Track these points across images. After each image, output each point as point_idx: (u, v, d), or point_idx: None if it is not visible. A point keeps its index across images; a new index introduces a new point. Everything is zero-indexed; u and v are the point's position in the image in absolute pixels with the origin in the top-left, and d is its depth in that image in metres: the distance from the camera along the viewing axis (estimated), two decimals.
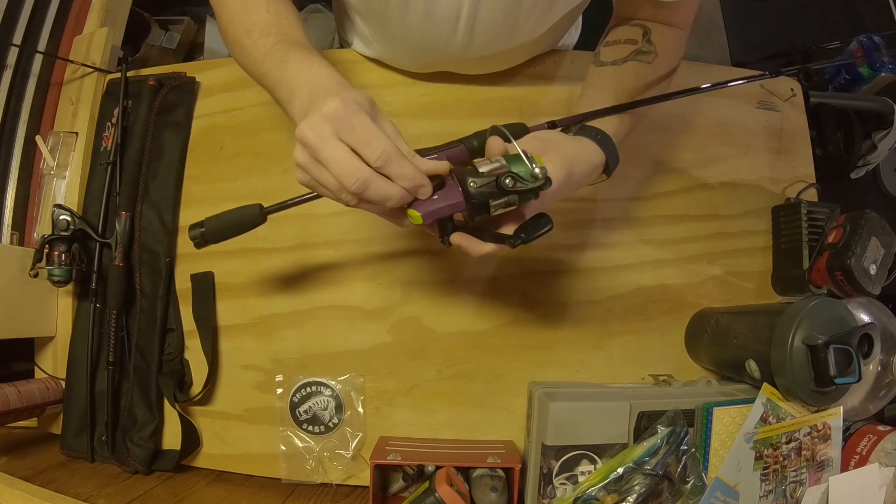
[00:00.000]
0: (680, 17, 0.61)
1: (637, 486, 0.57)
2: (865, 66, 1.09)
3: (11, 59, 0.83)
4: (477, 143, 0.51)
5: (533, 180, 0.45)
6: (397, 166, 0.42)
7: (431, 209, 0.46)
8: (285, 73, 0.49)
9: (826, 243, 0.69)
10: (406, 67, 0.76)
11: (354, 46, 0.79)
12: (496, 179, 0.44)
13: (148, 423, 0.71)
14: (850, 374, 0.53)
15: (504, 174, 0.44)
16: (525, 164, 0.45)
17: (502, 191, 0.45)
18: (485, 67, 0.75)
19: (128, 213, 0.74)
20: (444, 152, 0.49)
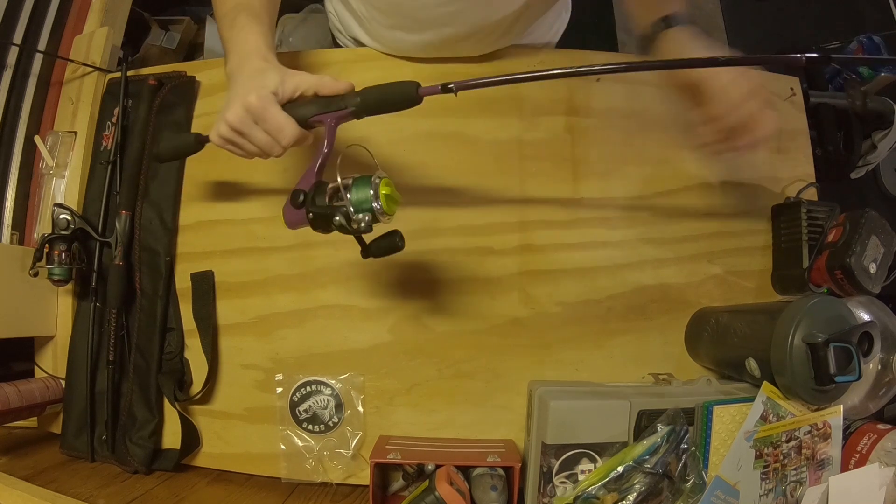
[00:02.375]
0: None
1: (637, 485, 0.57)
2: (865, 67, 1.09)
3: (11, 58, 0.83)
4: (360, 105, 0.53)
5: (357, 224, 0.48)
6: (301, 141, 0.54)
7: (291, 219, 0.54)
8: (230, 35, 0.57)
9: (826, 242, 0.69)
10: (400, 51, 0.76)
11: (350, 30, 0.79)
12: (327, 212, 0.49)
13: (148, 423, 0.71)
14: (850, 373, 0.53)
15: (337, 209, 0.49)
16: (364, 191, 0.48)
17: (337, 226, 0.49)
18: (480, 45, 0.74)
19: (128, 213, 0.74)
20: (330, 114, 0.53)
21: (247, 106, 0.51)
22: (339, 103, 0.53)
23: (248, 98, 0.50)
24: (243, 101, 0.51)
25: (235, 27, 0.56)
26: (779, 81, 0.80)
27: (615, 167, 0.76)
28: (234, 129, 0.52)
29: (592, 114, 0.76)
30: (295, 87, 0.53)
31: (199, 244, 0.76)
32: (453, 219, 0.74)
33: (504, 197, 0.75)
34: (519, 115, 0.76)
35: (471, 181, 0.75)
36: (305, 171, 0.52)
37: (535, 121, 0.76)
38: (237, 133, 0.52)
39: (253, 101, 0.50)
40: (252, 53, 0.54)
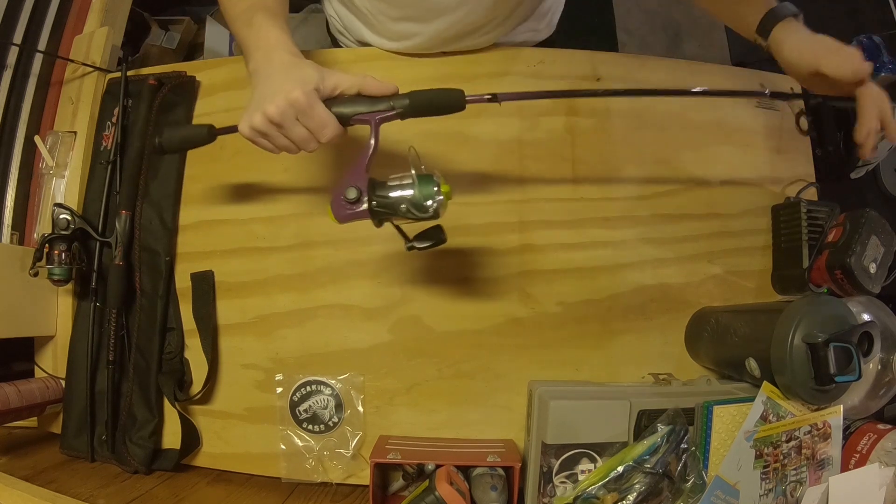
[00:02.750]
0: None
1: (637, 485, 0.57)
2: None
3: (11, 58, 0.83)
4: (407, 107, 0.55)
5: (426, 211, 0.52)
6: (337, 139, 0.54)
7: (343, 214, 0.53)
8: (248, 33, 0.56)
9: (826, 242, 0.69)
10: (407, 46, 0.76)
11: (355, 31, 0.79)
12: (394, 202, 0.52)
13: (148, 423, 0.71)
14: (850, 373, 0.53)
15: (402, 200, 0.52)
16: (429, 187, 0.52)
17: (404, 213, 0.52)
18: (485, 33, 0.74)
19: (128, 213, 0.74)
20: (377, 114, 0.54)
21: (291, 100, 0.50)
22: (387, 104, 0.54)
23: (294, 93, 0.50)
24: (287, 95, 0.50)
25: (254, 26, 0.56)
26: (779, 81, 0.80)
27: (615, 167, 0.76)
28: (272, 122, 0.52)
29: (592, 114, 0.76)
30: (335, 85, 0.53)
31: (199, 244, 0.76)
32: (453, 219, 0.74)
33: (504, 197, 0.75)
34: (519, 115, 0.76)
35: (471, 181, 0.75)
36: (351, 168, 0.53)
37: (535, 121, 0.76)
38: (275, 126, 0.52)
39: (298, 96, 0.50)
40: (278, 47, 0.54)
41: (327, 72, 0.53)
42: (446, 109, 0.55)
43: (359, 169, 0.53)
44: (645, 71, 0.78)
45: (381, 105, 0.54)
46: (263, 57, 0.54)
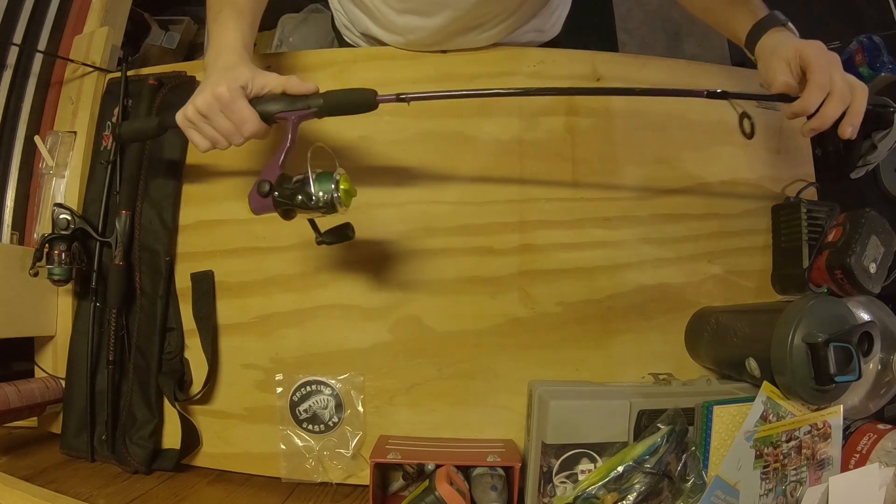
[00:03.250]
0: None
1: (637, 485, 0.57)
2: (865, 66, 1.09)
3: (11, 58, 0.83)
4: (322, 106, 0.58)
5: (318, 203, 0.54)
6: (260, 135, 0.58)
7: (256, 206, 0.57)
8: (213, 27, 0.61)
9: (826, 242, 0.69)
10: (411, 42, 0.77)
11: (360, 24, 0.80)
12: (292, 194, 0.54)
13: (148, 423, 0.71)
14: (850, 373, 0.53)
15: (301, 192, 0.54)
16: (328, 184, 0.54)
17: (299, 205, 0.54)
18: (488, 30, 0.74)
19: (128, 213, 0.74)
20: (294, 112, 0.57)
21: (217, 95, 0.55)
22: (304, 103, 0.57)
23: (220, 88, 0.54)
24: (214, 90, 0.55)
25: (218, 21, 0.60)
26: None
27: (615, 167, 0.76)
28: (200, 113, 0.56)
29: (592, 114, 0.76)
30: (263, 85, 0.56)
31: (199, 244, 0.76)
32: (453, 219, 0.74)
33: (504, 197, 0.75)
34: (519, 115, 0.76)
35: (471, 181, 0.75)
36: (268, 162, 0.57)
37: (535, 121, 0.76)
38: (202, 117, 0.56)
39: (223, 91, 0.54)
40: (228, 48, 0.58)
41: (260, 73, 0.57)
42: (358, 109, 0.58)
43: (274, 164, 0.56)
44: (645, 71, 0.78)
45: (299, 104, 0.57)
46: (214, 54, 0.58)
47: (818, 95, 0.57)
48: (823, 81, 0.57)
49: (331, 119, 0.76)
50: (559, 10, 0.86)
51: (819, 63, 0.57)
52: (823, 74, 0.57)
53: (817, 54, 0.58)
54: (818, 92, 0.57)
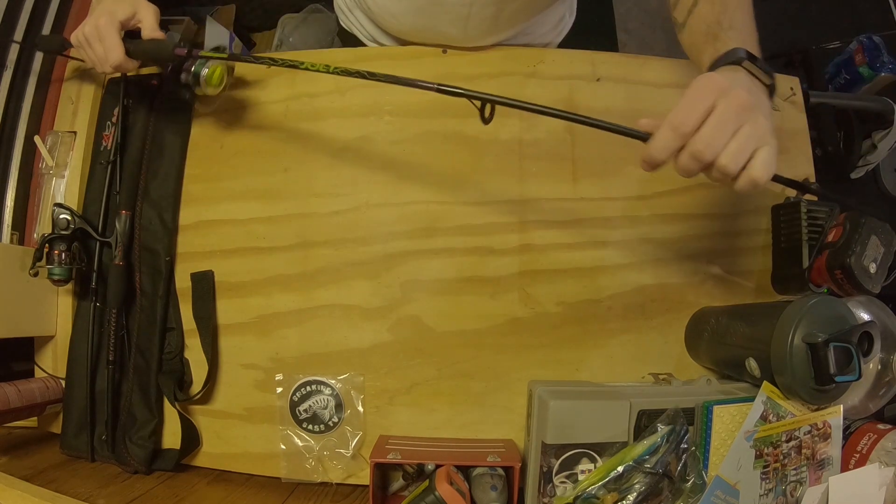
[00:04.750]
0: None
1: (637, 485, 0.57)
2: (865, 66, 1.09)
3: (12, 57, 0.83)
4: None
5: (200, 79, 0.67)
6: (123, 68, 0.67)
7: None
8: None
9: (826, 242, 0.69)
10: (391, 27, 0.78)
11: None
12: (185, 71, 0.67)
13: (148, 423, 0.71)
14: (850, 373, 0.53)
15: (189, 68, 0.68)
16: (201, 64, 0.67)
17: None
18: (468, 26, 0.74)
19: (128, 213, 0.74)
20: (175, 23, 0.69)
21: (96, 25, 0.63)
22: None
23: (100, 20, 0.63)
24: (96, 20, 0.63)
25: None
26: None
27: (615, 167, 0.76)
28: (84, 38, 0.65)
29: (592, 114, 0.75)
30: (137, 21, 0.65)
31: (199, 244, 0.76)
32: (453, 219, 0.74)
33: (504, 197, 0.75)
34: (519, 115, 0.76)
35: (471, 181, 0.75)
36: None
37: (535, 121, 0.76)
38: (85, 41, 0.65)
39: (102, 23, 0.63)
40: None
41: (143, 9, 0.65)
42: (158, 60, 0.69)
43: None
44: (645, 71, 0.78)
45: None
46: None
47: (664, 139, 0.47)
48: (677, 121, 0.46)
49: (330, 119, 0.77)
50: (561, 25, 0.87)
51: (688, 97, 0.46)
52: (682, 112, 0.46)
53: (694, 86, 0.47)
54: (666, 134, 0.47)
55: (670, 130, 0.47)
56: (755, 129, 0.46)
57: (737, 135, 0.46)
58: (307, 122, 0.77)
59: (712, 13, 0.57)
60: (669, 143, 0.47)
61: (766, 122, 0.48)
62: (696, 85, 0.48)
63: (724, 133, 0.46)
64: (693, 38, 0.59)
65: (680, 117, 0.47)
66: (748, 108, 0.46)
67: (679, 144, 0.47)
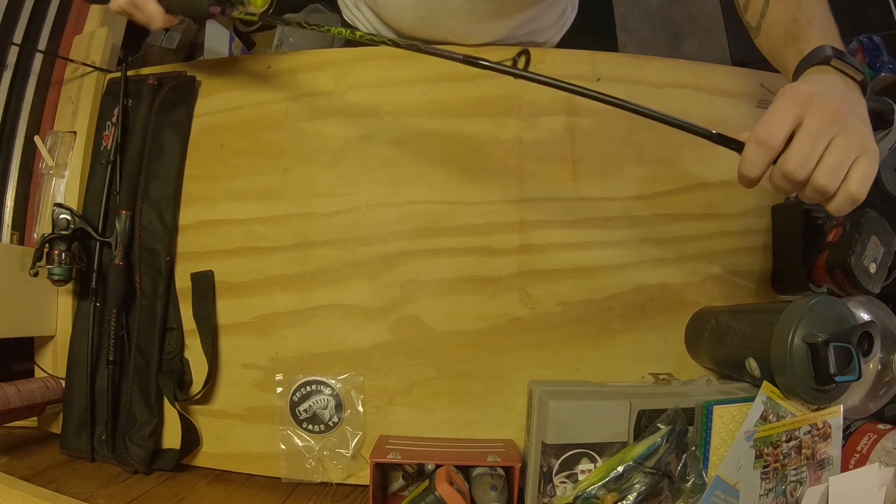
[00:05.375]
0: None
1: (637, 485, 0.57)
2: (865, 66, 1.09)
3: (12, 58, 0.83)
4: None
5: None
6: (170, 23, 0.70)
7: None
8: None
9: (826, 242, 0.69)
10: (392, 18, 0.78)
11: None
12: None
13: (147, 423, 0.71)
14: (850, 372, 0.53)
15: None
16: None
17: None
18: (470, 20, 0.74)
19: (128, 213, 0.74)
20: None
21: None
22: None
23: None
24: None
25: None
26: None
27: (615, 167, 0.76)
28: (121, 10, 0.67)
29: (592, 114, 0.76)
30: None
31: (199, 244, 0.76)
32: (453, 219, 0.74)
33: (504, 197, 0.75)
34: (519, 115, 0.76)
35: (471, 181, 0.75)
36: None
37: (535, 121, 0.76)
38: (124, 12, 0.68)
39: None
40: None
41: None
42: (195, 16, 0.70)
43: None
44: (645, 71, 0.78)
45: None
46: None
47: (751, 155, 0.44)
48: (762, 134, 0.43)
49: (330, 120, 0.77)
50: (562, 20, 0.87)
51: (772, 109, 0.43)
52: (766, 125, 0.43)
53: (779, 98, 0.44)
54: (752, 150, 0.43)
55: (756, 145, 0.44)
56: (851, 138, 0.42)
57: (831, 148, 0.42)
58: (307, 122, 0.77)
59: (787, 12, 0.52)
60: (756, 159, 0.44)
61: (861, 127, 0.43)
62: (780, 96, 0.44)
63: (816, 148, 0.42)
64: (772, 42, 0.55)
65: (764, 130, 0.43)
66: (841, 115, 0.42)
67: (767, 160, 0.44)
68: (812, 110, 0.42)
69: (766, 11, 0.55)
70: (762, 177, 0.45)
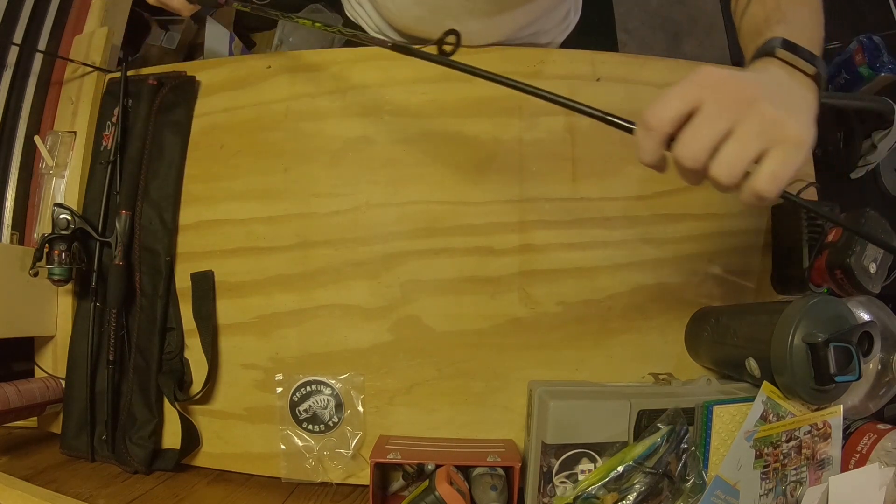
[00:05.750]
0: None
1: (637, 485, 0.57)
2: (865, 66, 1.09)
3: (12, 58, 0.83)
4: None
5: None
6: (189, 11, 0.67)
7: None
8: None
9: (826, 242, 0.69)
10: (391, 17, 0.77)
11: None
12: None
13: (147, 423, 0.71)
14: (850, 372, 0.53)
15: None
16: None
17: None
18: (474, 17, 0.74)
19: (128, 213, 0.74)
20: None
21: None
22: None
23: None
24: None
25: None
26: None
27: (615, 167, 0.76)
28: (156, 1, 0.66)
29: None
30: None
31: (199, 244, 0.76)
32: (453, 219, 0.74)
33: (504, 197, 0.75)
34: (519, 115, 0.76)
35: (471, 181, 0.75)
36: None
37: (535, 121, 0.76)
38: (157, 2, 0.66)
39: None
40: None
41: None
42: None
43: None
44: (645, 71, 0.78)
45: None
46: None
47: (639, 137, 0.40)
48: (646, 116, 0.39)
49: (331, 120, 0.77)
50: (566, 23, 0.87)
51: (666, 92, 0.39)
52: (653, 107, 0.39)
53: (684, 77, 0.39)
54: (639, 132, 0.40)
55: (642, 128, 0.40)
56: (759, 126, 0.37)
57: (732, 134, 0.38)
58: (307, 122, 0.77)
59: (763, 11, 0.50)
60: (643, 142, 0.41)
61: (778, 114, 0.38)
62: (683, 78, 0.40)
63: (710, 135, 0.38)
64: (744, 41, 0.52)
65: (650, 112, 0.40)
66: (747, 99, 0.38)
67: (655, 144, 0.40)
68: (713, 93, 0.38)
69: (746, 12, 0.53)
70: (661, 162, 0.42)
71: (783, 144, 0.37)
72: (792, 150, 0.38)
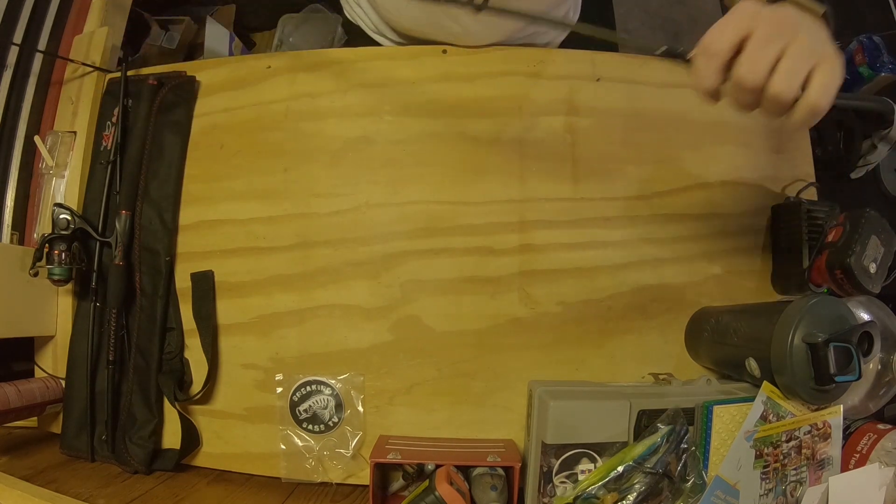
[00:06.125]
0: None
1: (637, 485, 0.57)
2: (865, 66, 1.09)
3: (11, 58, 0.83)
4: None
5: None
6: None
7: None
8: None
9: (826, 242, 0.69)
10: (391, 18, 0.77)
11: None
12: None
13: (147, 423, 0.71)
14: (850, 372, 0.53)
15: None
16: None
17: None
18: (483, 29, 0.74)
19: (128, 213, 0.74)
20: None
21: None
22: None
23: None
24: None
25: None
26: None
27: (615, 167, 0.76)
28: None
29: (592, 114, 0.76)
30: None
31: (199, 244, 0.76)
32: (453, 219, 0.75)
33: (504, 197, 0.75)
34: (519, 114, 0.76)
35: (471, 181, 0.75)
36: None
37: (535, 121, 0.76)
38: None
39: None
40: None
41: None
42: None
43: None
44: (645, 71, 0.78)
45: None
46: None
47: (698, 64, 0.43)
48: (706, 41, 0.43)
49: (330, 119, 0.77)
50: (569, 17, 0.87)
51: (718, 22, 0.43)
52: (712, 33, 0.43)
53: (730, 11, 0.43)
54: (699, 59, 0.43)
55: (702, 54, 0.43)
56: (807, 44, 0.41)
57: (785, 54, 0.41)
58: (307, 122, 0.77)
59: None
60: (704, 68, 0.43)
61: (819, 34, 0.43)
62: (728, 12, 0.43)
63: (768, 53, 0.41)
64: None
65: (709, 38, 0.43)
66: (792, 24, 0.42)
67: (715, 68, 0.43)
68: (761, 20, 0.42)
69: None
70: (717, 90, 0.45)
71: (827, 61, 0.41)
72: (836, 66, 0.42)
